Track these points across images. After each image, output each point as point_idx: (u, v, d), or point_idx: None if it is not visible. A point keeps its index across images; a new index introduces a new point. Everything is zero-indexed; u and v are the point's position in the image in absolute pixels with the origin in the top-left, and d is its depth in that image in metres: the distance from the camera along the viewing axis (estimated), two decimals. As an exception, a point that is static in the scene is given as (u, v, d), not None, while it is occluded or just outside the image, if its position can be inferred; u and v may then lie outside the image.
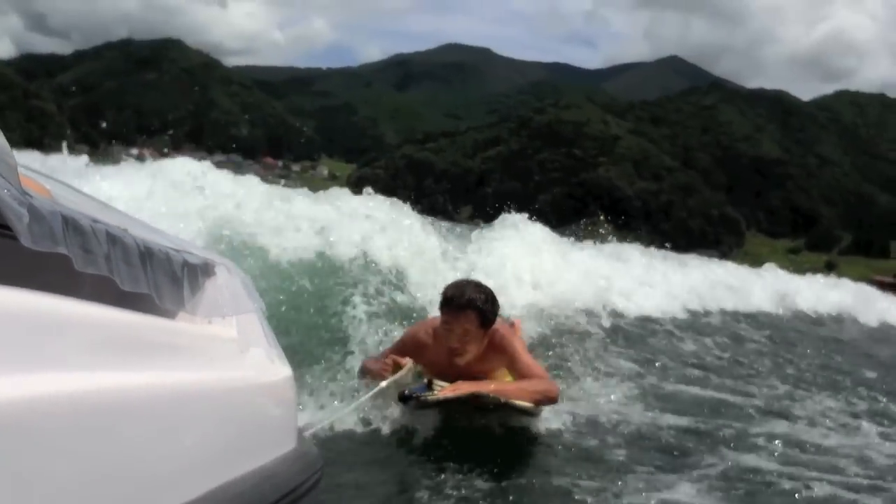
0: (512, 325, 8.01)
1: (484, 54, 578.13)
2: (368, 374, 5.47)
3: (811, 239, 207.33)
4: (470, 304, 5.21)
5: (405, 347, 5.63)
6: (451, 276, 8.19)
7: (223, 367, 2.18)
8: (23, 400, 1.24)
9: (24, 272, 1.53)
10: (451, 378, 5.30)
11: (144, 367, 1.65)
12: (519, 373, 5.41)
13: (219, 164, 11.84)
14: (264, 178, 11.85)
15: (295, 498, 2.34)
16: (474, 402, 4.98)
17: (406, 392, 4.98)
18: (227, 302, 2.44)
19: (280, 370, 2.65)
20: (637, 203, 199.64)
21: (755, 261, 19.87)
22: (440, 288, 5.81)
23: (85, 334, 1.54)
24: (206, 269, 2.42)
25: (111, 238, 1.84)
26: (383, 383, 5.13)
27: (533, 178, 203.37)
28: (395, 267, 8.78)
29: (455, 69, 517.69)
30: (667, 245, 18.19)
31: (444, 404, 4.98)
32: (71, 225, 1.66)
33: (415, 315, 7.89)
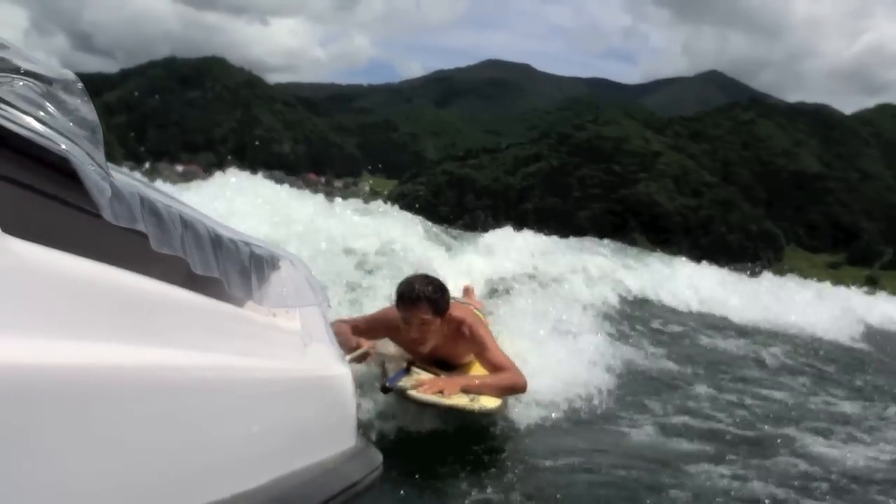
0: (466, 291, 9.44)
1: (524, 70, 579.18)
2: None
3: (852, 254, 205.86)
4: (420, 296, 5.65)
5: (379, 325, 6.08)
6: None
7: (287, 359, 2.20)
8: (96, 367, 1.26)
9: (104, 251, 1.53)
10: (425, 358, 5.96)
11: (213, 349, 1.66)
12: (488, 364, 5.85)
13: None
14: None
15: (354, 494, 2.34)
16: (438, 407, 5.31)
17: (387, 383, 5.35)
18: (292, 294, 2.46)
19: (340, 368, 2.67)
20: (677, 219, 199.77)
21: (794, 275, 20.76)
22: None
23: (159, 313, 1.57)
24: (272, 262, 2.44)
25: (184, 222, 1.87)
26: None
27: (573, 194, 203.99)
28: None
29: (495, 85, 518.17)
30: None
31: (420, 404, 5.27)
32: (147, 206, 1.69)
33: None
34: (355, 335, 5.81)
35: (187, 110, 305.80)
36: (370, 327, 6.07)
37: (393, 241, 10.95)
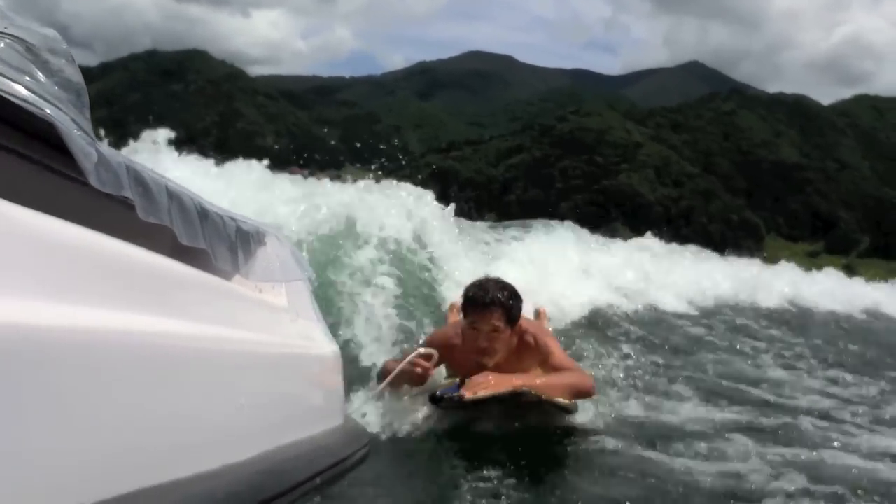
0: (538, 314, 8.62)
1: (506, 62, 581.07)
2: (386, 375, 5.06)
3: (830, 242, 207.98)
4: (494, 301, 5.10)
5: (436, 345, 5.39)
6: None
7: (275, 334, 2.19)
8: (80, 329, 1.23)
9: (90, 218, 1.45)
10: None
11: (201, 319, 1.66)
12: (552, 368, 5.25)
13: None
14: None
15: (342, 469, 2.34)
16: (512, 399, 4.81)
17: (438, 393, 4.89)
18: (278, 269, 2.45)
19: (328, 345, 2.65)
20: (658, 209, 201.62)
21: (774, 263, 22.05)
22: None
23: (147, 280, 1.54)
24: (257, 237, 2.43)
25: (170, 193, 1.86)
26: (407, 359, 5.03)
27: (555, 185, 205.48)
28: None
29: (478, 77, 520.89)
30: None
31: (479, 404, 4.76)
32: (133, 174, 1.67)
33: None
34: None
35: (169, 103, 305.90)
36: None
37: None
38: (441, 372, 5.65)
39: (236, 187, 9.51)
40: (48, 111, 1.51)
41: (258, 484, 1.68)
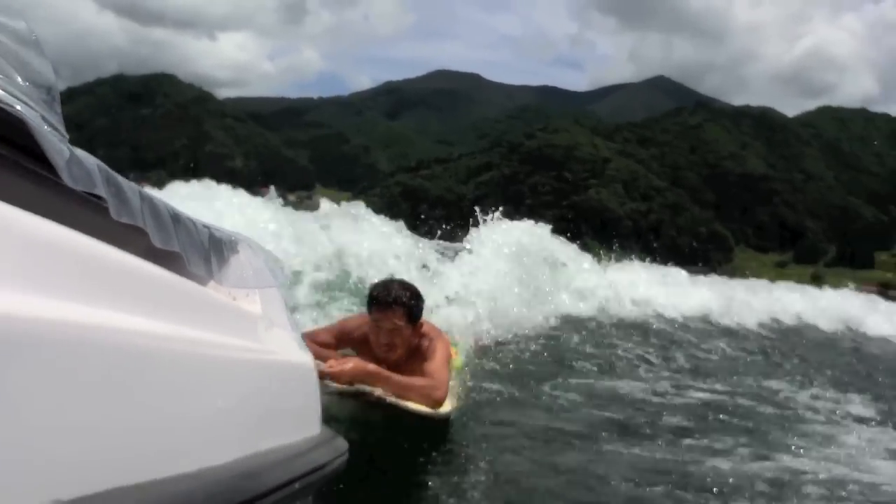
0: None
1: (473, 80, 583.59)
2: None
3: (798, 252, 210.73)
4: (397, 301, 5.32)
5: (344, 336, 5.70)
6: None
7: (250, 340, 2.15)
8: (51, 325, 1.19)
9: (63, 216, 1.40)
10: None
11: (175, 321, 1.62)
12: (422, 372, 5.33)
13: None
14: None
15: (320, 477, 2.35)
16: (364, 398, 4.89)
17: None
18: (252, 276, 2.44)
19: (303, 354, 2.65)
20: (628, 223, 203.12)
21: (743, 275, 22.70)
22: None
23: (120, 279, 1.50)
24: (230, 244, 2.42)
25: (143, 196, 1.83)
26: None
27: (525, 201, 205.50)
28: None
29: (445, 95, 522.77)
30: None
31: (340, 395, 4.83)
32: (104, 174, 1.64)
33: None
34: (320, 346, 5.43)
35: (137, 128, 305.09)
36: (334, 338, 5.71)
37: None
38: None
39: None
40: (18, 108, 1.47)
41: (235, 487, 1.68)
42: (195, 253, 2.12)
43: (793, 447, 6.42)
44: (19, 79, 1.55)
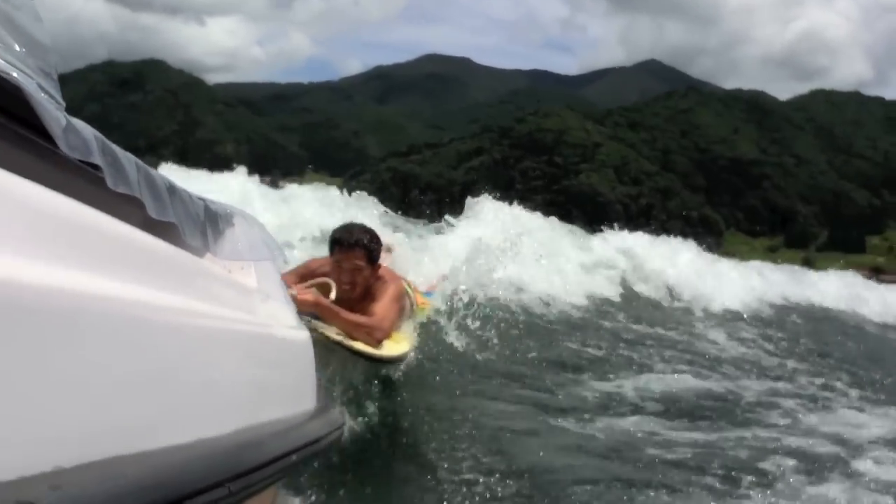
0: (388, 248, 8.76)
1: (464, 64, 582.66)
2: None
3: (789, 237, 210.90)
4: (357, 243, 5.74)
5: (308, 275, 6.02)
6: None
7: (245, 313, 2.15)
8: (48, 291, 1.16)
9: (60, 185, 1.38)
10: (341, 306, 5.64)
11: (172, 291, 1.60)
12: (368, 312, 5.68)
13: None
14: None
15: (317, 449, 2.36)
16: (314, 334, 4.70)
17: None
18: (247, 249, 2.44)
19: (298, 328, 2.67)
20: (618, 207, 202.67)
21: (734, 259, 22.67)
22: None
23: (118, 247, 1.49)
24: (226, 217, 2.42)
25: (139, 166, 1.82)
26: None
27: (516, 186, 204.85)
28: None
29: (435, 80, 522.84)
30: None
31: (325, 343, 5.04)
32: (101, 143, 1.63)
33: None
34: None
35: (128, 114, 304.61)
36: (299, 277, 6.01)
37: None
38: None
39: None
40: (15, 75, 1.45)
41: (234, 457, 1.68)
42: (191, 224, 2.10)
43: (782, 425, 6.67)
44: (16, 46, 1.52)
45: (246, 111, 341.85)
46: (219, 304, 1.91)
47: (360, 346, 5.28)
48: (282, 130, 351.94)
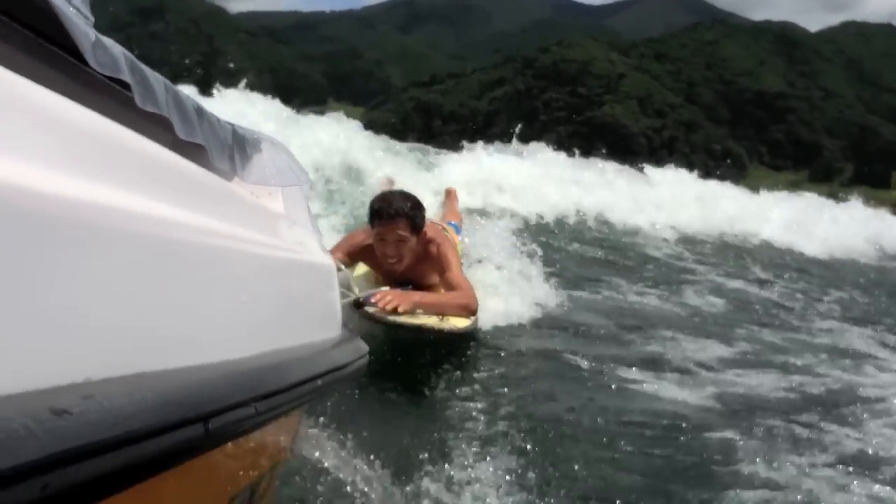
0: (448, 193, 9.67)
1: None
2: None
3: (813, 171, 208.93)
4: (398, 212, 5.43)
5: (353, 252, 5.83)
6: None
7: (272, 237, 2.14)
8: (78, 204, 1.16)
9: (88, 99, 1.37)
10: (396, 279, 5.68)
11: (200, 212, 1.61)
12: (446, 284, 5.60)
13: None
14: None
15: (342, 376, 2.36)
16: (416, 329, 5.01)
17: (361, 299, 5.01)
18: (275, 173, 2.45)
19: (324, 255, 2.65)
20: (642, 140, 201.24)
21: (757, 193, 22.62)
22: None
23: (146, 165, 1.49)
24: (253, 142, 2.41)
25: (167, 87, 1.82)
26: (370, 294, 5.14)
27: (539, 117, 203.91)
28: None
29: (459, 9, 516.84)
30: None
31: (384, 325, 4.95)
32: (129, 60, 1.63)
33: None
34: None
35: (150, 44, 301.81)
36: (346, 255, 5.76)
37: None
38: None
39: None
40: None
41: (260, 378, 1.68)
42: (219, 147, 2.09)
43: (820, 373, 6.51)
44: None
45: (268, 40, 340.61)
46: (246, 228, 1.90)
47: (454, 323, 5.19)
48: (304, 60, 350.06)
